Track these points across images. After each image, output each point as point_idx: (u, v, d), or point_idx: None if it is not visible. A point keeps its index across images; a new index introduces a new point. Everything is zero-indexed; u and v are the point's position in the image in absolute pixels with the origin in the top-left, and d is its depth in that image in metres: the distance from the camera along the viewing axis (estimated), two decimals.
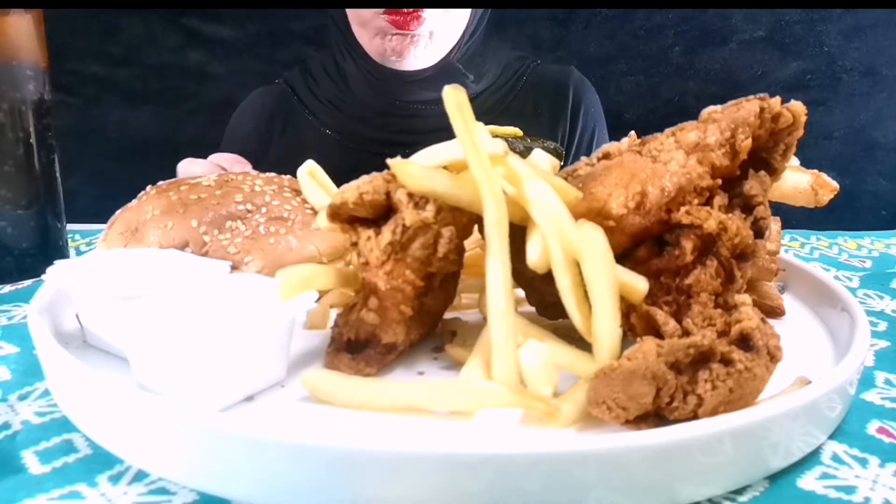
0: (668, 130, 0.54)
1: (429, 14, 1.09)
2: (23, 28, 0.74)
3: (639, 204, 0.49)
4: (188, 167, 0.92)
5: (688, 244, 0.48)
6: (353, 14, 1.16)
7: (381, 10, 1.08)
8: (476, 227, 0.53)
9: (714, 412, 0.41)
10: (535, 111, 1.24)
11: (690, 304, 0.48)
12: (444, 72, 1.16)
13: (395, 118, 1.19)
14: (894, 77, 1.60)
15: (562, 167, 0.60)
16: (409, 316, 0.51)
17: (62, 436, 0.45)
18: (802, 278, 0.69)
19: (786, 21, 1.58)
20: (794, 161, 0.59)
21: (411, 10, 1.07)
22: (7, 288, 0.74)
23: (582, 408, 0.44)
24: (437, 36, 1.12)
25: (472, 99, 0.47)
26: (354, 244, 0.51)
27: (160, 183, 0.68)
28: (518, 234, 0.48)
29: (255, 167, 0.73)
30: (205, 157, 0.98)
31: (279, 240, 0.61)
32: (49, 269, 0.55)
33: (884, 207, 1.65)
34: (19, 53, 0.74)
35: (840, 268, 0.88)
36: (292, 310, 0.49)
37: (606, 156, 0.56)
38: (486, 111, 1.16)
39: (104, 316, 0.52)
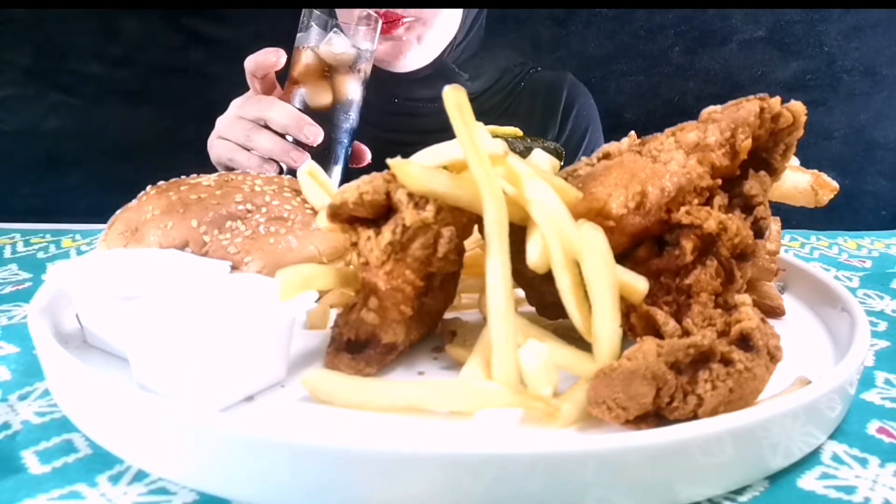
0: (668, 130, 0.54)
1: (416, 18, 1.10)
2: None
3: (639, 204, 0.49)
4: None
5: (688, 244, 0.48)
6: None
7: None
8: (476, 227, 0.53)
9: (714, 412, 0.41)
10: (529, 113, 1.26)
11: (690, 304, 0.48)
12: (439, 71, 1.18)
13: (395, 117, 1.21)
14: (894, 77, 1.60)
15: (562, 167, 0.60)
16: (409, 316, 0.51)
17: (62, 436, 0.45)
18: (802, 278, 0.69)
19: (786, 21, 1.58)
20: (794, 161, 0.59)
21: (390, 14, 1.08)
22: (7, 288, 0.74)
23: (582, 408, 0.44)
24: (426, 40, 1.15)
25: (471, 100, 0.47)
26: (354, 244, 0.51)
27: (160, 183, 0.67)
28: (518, 234, 0.48)
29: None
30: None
31: (279, 240, 0.61)
32: (49, 269, 0.55)
33: (884, 207, 1.65)
34: None
35: (840, 268, 0.87)
36: (292, 310, 0.49)
37: (606, 156, 0.56)
38: (482, 114, 1.18)
39: (104, 316, 0.52)
